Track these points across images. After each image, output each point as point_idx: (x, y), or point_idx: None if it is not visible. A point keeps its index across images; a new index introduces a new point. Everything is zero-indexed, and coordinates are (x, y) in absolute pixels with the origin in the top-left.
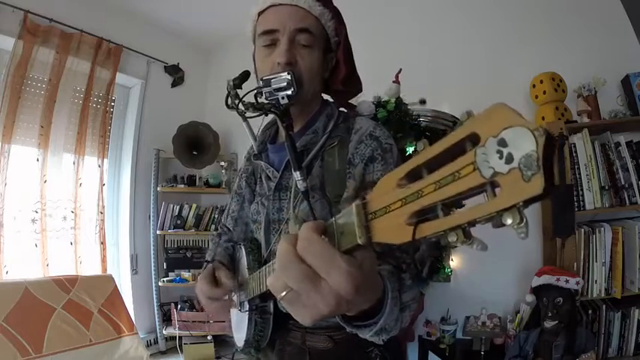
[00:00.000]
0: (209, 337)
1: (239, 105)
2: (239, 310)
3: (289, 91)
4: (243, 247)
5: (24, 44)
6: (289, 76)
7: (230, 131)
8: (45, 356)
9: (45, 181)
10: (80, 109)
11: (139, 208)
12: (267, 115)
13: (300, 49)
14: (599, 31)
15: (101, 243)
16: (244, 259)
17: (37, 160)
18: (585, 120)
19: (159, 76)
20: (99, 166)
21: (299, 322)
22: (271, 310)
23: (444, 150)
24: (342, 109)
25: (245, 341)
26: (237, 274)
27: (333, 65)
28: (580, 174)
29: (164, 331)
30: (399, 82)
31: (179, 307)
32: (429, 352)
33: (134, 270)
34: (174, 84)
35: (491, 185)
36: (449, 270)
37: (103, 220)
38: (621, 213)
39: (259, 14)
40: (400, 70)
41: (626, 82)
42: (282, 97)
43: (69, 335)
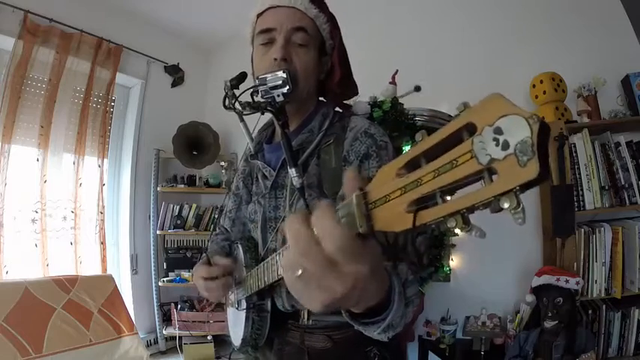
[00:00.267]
0: (209, 337)
1: (235, 104)
2: (236, 309)
3: (284, 89)
4: (240, 246)
5: (24, 44)
6: (284, 74)
7: (230, 131)
8: (45, 356)
9: (45, 181)
10: (80, 109)
11: (139, 208)
12: (263, 114)
13: (296, 47)
14: (599, 31)
15: (101, 243)
16: (241, 257)
17: (37, 160)
18: (585, 120)
19: (159, 76)
20: (99, 166)
21: (298, 322)
22: (268, 308)
23: (441, 140)
24: (337, 109)
25: (242, 340)
26: (234, 272)
27: (328, 68)
28: (580, 174)
29: (164, 331)
30: (395, 83)
31: (179, 307)
32: (429, 352)
33: (134, 270)
34: (174, 84)
35: (489, 172)
36: (447, 269)
37: (103, 220)
38: (621, 213)
39: (258, 16)
40: (397, 72)
41: (626, 82)
42: (278, 95)
43: (69, 335)
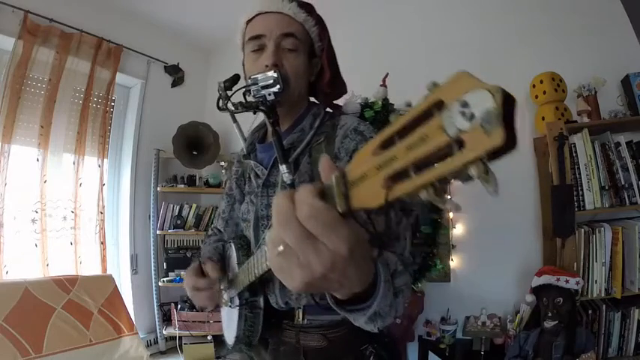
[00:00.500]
0: (209, 337)
1: (228, 104)
2: (229, 307)
3: (275, 88)
4: (232, 244)
5: (24, 44)
6: (275, 74)
7: (230, 131)
8: (45, 356)
9: (45, 181)
10: (80, 109)
11: (139, 208)
12: (255, 113)
13: (286, 52)
14: (599, 31)
15: (101, 243)
16: (234, 255)
17: (37, 160)
18: (585, 120)
19: (159, 76)
20: (99, 166)
21: (292, 322)
22: (261, 305)
23: (413, 118)
24: (328, 109)
25: (235, 337)
26: (227, 271)
27: (318, 70)
28: (580, 174)
29: (164, 331)
30: (385, 86)
31: (179, 307)
32: (429, 352)
33: (134, 270)
34: (174, 84)
35: (458, 144)
36: (441, 266)
37: (103, 220)
38: (621, 213)
39: (247, 23)
40: (387, 75)
41: (626, 82)
42: (269, 94)
43: (69, 335)
